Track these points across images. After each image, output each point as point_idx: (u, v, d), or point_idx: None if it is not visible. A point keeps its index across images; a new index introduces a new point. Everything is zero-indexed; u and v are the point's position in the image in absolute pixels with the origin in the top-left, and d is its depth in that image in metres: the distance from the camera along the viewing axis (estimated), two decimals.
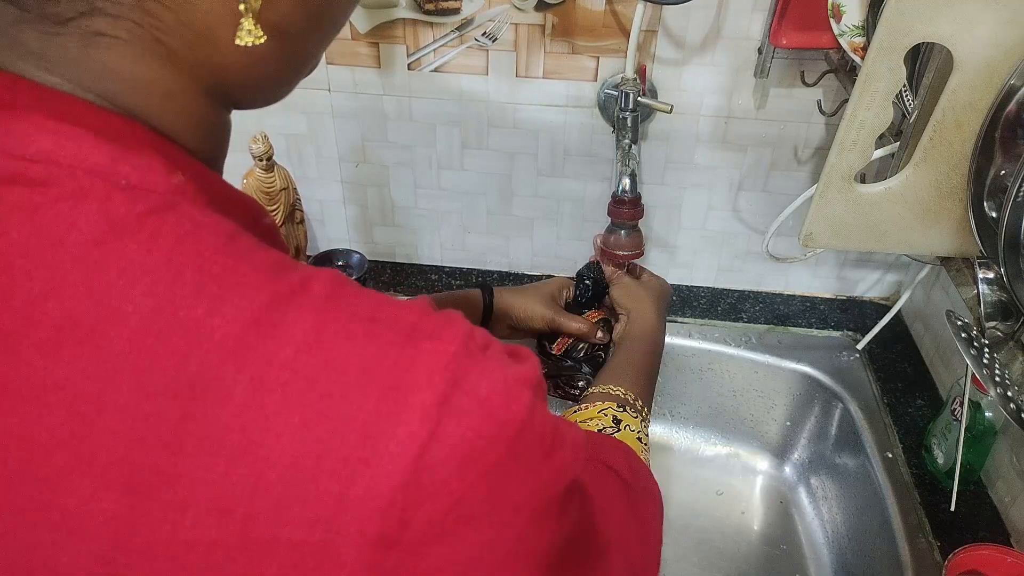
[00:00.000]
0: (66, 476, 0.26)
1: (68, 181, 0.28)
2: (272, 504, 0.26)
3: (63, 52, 0.30)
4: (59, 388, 0.26)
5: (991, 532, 0.82)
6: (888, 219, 0.75)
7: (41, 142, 0.28)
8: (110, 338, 0.26)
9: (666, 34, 0.91)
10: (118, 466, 0.26)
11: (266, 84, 0.36)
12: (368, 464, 0.27)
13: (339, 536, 0.27)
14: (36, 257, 0.27)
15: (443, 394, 0.28)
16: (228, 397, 0.26)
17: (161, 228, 0.28)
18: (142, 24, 0.30)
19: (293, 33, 0.34)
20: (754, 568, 0.99)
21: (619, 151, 0.87)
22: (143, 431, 0.26)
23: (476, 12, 0.91)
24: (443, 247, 1.15)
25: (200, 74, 0.33)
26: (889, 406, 0.97)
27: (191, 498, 0.26)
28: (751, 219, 1.06)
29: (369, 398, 0.27)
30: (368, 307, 0.30)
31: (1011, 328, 0.71)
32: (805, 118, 0.96)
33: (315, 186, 1.08)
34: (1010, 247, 0.63)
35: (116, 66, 0.30)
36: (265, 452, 0.26)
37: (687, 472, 1.11)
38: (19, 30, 0.29)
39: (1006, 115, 0.64)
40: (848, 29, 0.78)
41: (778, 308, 1.12)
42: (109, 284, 0.27)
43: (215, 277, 0.28)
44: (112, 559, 0.27)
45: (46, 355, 0.26)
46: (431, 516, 0.28)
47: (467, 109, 0.99)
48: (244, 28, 0.31)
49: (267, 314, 0.28)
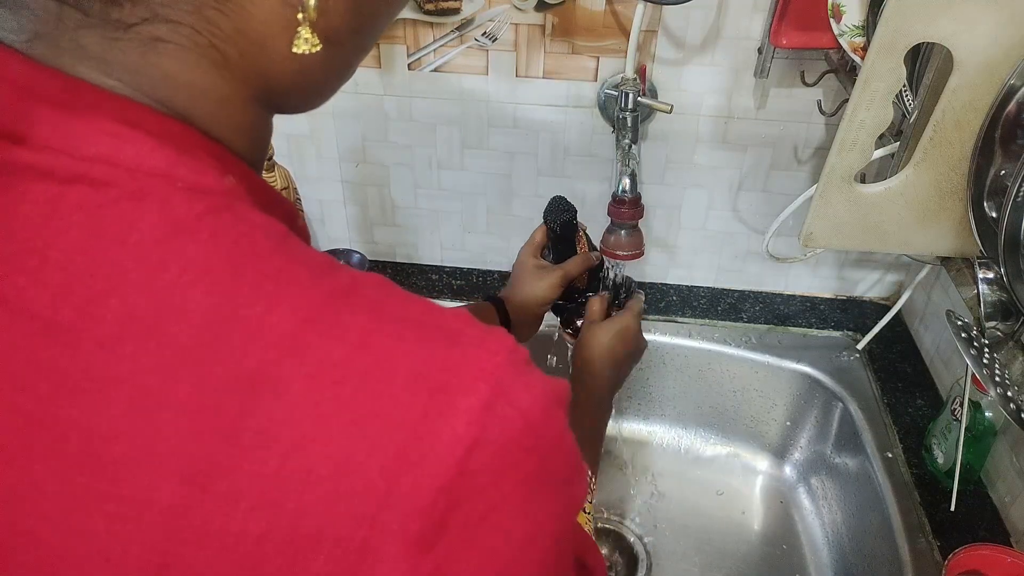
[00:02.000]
0: (125, 466, 0.27)
1: (129, 182, 0.28)
2: (321, 499, 0.27)
3: (123, 57, 0.30)
4: (121, 381, 0.27)
5: (991, 532, 0.82)
6: (888, 219, 0.75)
7: (101, 144, 0.29)
8: (172, 334, 0.27)
9: (666, 34, 0.91)
10: (176, 457, 0.27)
11: (311, 91, 0.38)
12: (415, 463, 0.27)
13: (383, 533, 0.27)
14: (98, 255, 0.27)
15: (488, 400, 0.29)
16: (284, 393, 0.27)
17: (219, 228, 0.29)
18: (200, 31, 0.31)
19: (341, 42, 0.35)
20: (754, 568, 0.99)
21: (619, 151, 0.87)
22: (202, 424, 0.27)
23: (476, 12, 0.91)
24: (443, 247, 1.15)
25: (251, 81, 0.33)
26: (889, 406, 0.97)
27: (245, 490, 0.27)
28: (751, 219, 1.06)
29: (418, 399, 0.28)
30: (416, 311, 0.31)
31: (1011, 328, 0.71)
32: (805, 118, 0.96)
33: (315, 186, 1.08)
34: (1010, 247, 0.63)
35: (173, 71, 0.31)
36: (318, 448, 0.27)
37: (687, 472, 1.11)
38: (81, 34, 0.30)
39: (1006, 115, 0.64)
40: (848, 29, 0.78)
41: (778, 308, 1.12)
42: (171, 282, 0.27)
43: (271, 276, 0.29)
44: (165, 549, 0.27)
45: (108, 349, 0.27)
46: (467, 519, 0.28)
47: (467, 109, 0.99)
48: (301, 36, 0.32)
49: (321, 313, 0.28)
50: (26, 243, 0.27)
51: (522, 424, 0.29)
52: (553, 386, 0.31)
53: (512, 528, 0.30)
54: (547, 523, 0.31)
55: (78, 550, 0.28)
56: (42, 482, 0.27)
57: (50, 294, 0.27)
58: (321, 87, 0.38)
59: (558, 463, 0.31)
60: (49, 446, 0.27)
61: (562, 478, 0.32)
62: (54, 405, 0.27)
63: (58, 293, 0.27)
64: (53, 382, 0.27)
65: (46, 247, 0.27)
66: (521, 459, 0.29)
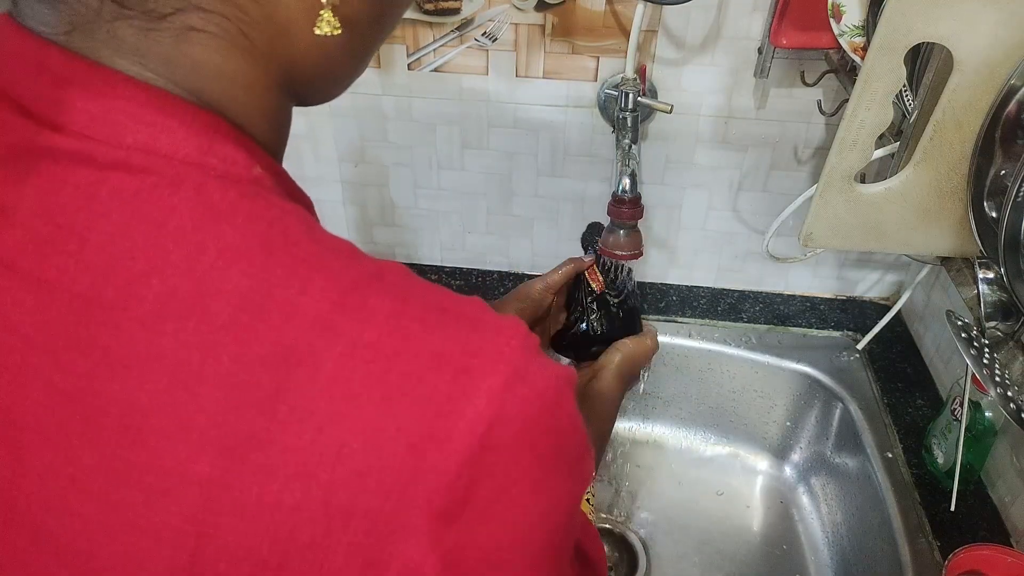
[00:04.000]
0: (164, 439, 0.28)
1: (166, 169, 0.30)
2: (353, 472, 0.28)
3: (158, 48, 0.31)
4: (162, 357, 0.28)
5: (991, 532, 0.82)
6: (888, 219, 0.75)
7: (139, 133, 0.30)
8: (212, 313, 0.28)
9: (666, 34, 0.91)
10: (215, 430, 0.28)
11: (332, 78, 0.39)
12: (441, 440, 0.29)
13: (410, 506, 0.28)
14: (139, 238, 0.29)
15: (507, 380, 0.30)
16: (319, 370, 0.28)
17: (253, 213, 0.30)
18: (230, 18, 0.32)
19: (361, 28, 0.37)
20: (754, 568, 0.99)
21: (619, 151, 0.87)
22: (240, 399, 0.28)
23: (476, 12, 0.91)
24: (443, 247, 1.15)
25: (275, 67, 0.35)
26: (889, 406, 0.97)
27: (280, 463, 0.28)
28: (751, 219, 1.06)
29: (443, 380, 0.29)
30: (436, 297, 0.32)
31: (1011, 328, 0.71)
32: (805, 118, 0.96)
33: (314, 186, 1.08)
34: (1010, 247, 0.63)
35: (204, 60, 0.32)
36: (350, 423, 0.28)
37: (687, 472, 1.11)
38: (118, 26, 0.31)
39: (1006, 115, 0.64)
40: (848, 29, 0.78)
41: (778, 308, 1.12)
42: (210, 264, 0.29)
43: (303, 260, 0.30)
44: (201, 519, 0.28)
45: (149, 327, 0.28)
46: (488, 494, 0.30)
47: (467, 109, 0.99)
48: (324, 19, 0.34)
49: (351, 297, 0.30)
50: (66, 226, 0.29)
51: (539, 404, 0.31)
52: (563, 371, 0.33)
53: (529, 502, 0.31)
54: (561, 498, 0.33)
55: (116, 522, 0.28)
56: (80, 457, 0.28)
57: (91, 275, 0.28)
58: (341, 74, 0.40)
59: (570, 441, 0.33)
60: (88, 421, 0.28)
61: (574, 456, 0.34)
62: (95, 381, 0.28)
63: (100, 274, 0.28)
64: (93, 359, 0.28)
65: (87, 230, 0.29)
66: (538, 437, 0.31)
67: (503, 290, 1.12)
